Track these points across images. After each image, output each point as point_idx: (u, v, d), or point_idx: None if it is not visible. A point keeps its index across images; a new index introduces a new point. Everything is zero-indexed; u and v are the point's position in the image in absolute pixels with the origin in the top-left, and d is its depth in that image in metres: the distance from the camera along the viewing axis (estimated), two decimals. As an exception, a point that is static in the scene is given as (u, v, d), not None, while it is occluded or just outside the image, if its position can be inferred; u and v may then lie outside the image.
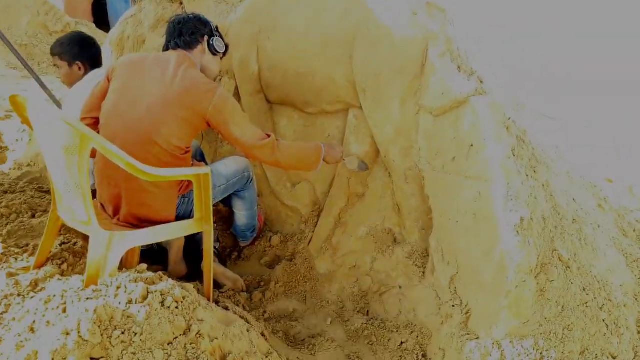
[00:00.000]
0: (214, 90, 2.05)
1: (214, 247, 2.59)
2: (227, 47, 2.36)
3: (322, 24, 2.47)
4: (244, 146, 2.13)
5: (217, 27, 2.33)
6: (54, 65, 2.76)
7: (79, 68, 2.66)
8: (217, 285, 2.47)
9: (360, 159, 2.50)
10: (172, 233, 2.09)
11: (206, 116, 2.05)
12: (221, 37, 2.33)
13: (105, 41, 4.54)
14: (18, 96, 1.91)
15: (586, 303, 1.92)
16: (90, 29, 6.99)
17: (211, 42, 2.25)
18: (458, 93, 2.15)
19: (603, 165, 4.01)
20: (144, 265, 1.89)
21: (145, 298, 1.64)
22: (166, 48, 2.22)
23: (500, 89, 2.48)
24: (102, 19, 7.55)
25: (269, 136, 2.15)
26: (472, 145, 2.08)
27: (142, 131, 2.01)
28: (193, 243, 2.58)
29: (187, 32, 2.19)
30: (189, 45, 2.19)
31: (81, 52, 2.64)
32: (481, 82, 2.25)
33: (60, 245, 2.23)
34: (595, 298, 1.94)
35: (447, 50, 2.26)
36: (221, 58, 2.36)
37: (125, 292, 1.65)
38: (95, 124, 2.18)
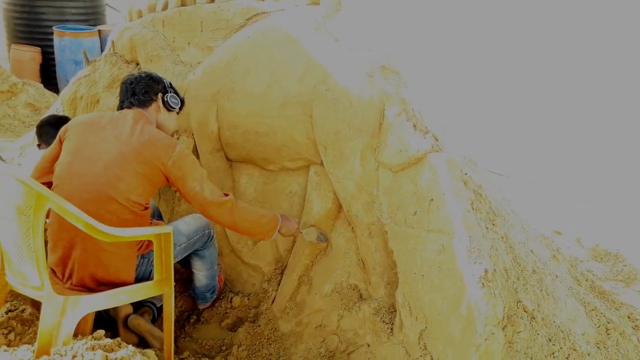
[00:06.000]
0: (174, 146, 2.06)
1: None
2: (182, 102, 2.38)
3: (280, 85, 2.54)
4: (202, 202, 2.10)
5: (170, 84, 2.35)
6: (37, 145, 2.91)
7: None
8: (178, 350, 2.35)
9: (318, 230, 2.49)
10: (131, 296, 2.00)
11: (165, 171, 2.05)
12: (176, 92, 2.35)
13: (57, 101, 4.46)
14: (-32, 155, 1.83)
15: (553, 353, 1.94)
16: (37, 89, 6.89)
17: (165, 99, 2.26)
18: (415, 150, 2.23)
19: (549, 218, 4.20)
20: (101, 332, 1.79)
21: (104, 367, 1.54)
22: (120, 108, 2.24)
23: (452, 145, 2.60)
24: (50, 80, 7.50)
25: (227, 195, 2.15)
26: (432, 200, 2.13)
27: (99, 189, 1.96)
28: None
29: (140, 91, 2.21)
30: (143, 104, 2.21)
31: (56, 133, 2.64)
32: (436, 139, 2.34)
33: (7, 313, 2.07)
34: (561, 348, 1.97)
35: (403, 110, 2.36)
36: (177, 113, 2.37)
37: (82, 361, 1.55)
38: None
